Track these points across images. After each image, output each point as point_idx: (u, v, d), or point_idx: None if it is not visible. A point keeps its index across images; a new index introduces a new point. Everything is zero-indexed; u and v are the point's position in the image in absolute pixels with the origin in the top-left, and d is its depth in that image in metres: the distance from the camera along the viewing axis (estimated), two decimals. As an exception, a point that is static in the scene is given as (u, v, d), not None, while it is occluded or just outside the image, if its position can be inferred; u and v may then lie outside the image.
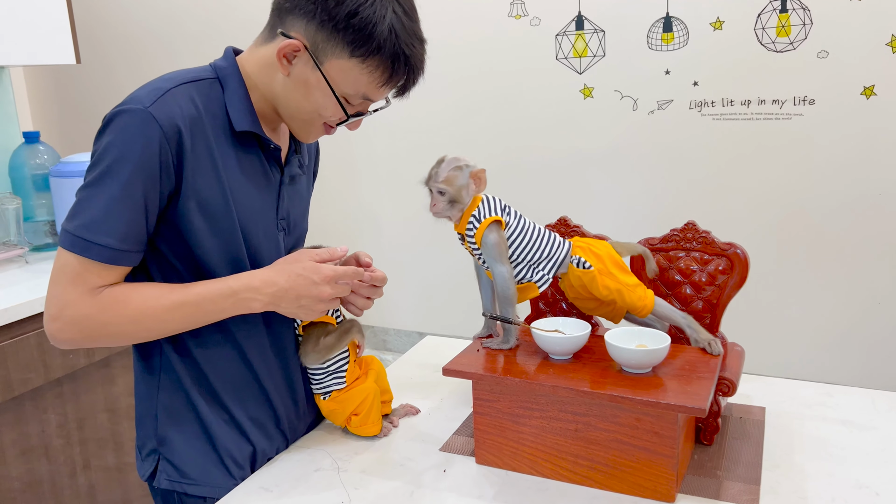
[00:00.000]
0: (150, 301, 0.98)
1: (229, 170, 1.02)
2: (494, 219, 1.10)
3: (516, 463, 1.04)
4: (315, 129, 1.07)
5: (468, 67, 2.86)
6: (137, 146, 0.93)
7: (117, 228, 0.94)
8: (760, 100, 2.57)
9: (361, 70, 0.98)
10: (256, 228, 1.06)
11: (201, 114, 0.99)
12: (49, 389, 1.97)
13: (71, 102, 3.05)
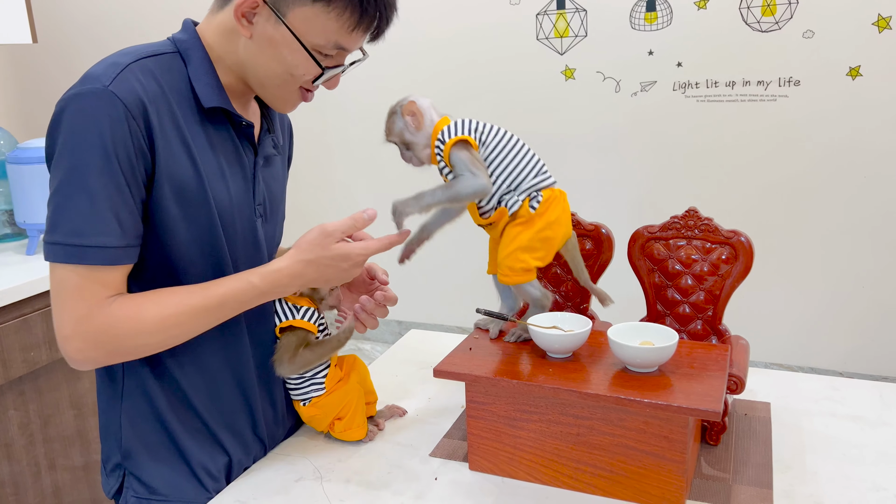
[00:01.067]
0: (170, 308, 0.89)
1: (201, 150, 0.92)
2: (460, 138, 1.02)
3: (513, 469, 0.97)
4: (291, 95, 0.97)
5: (447, 49, 2.77)
6: (104, 129, 0.83)
7: (109, 224, 0.85)
8: (745, 81, 2.52)
9: (328, 15, 0.89)
10: (233, 215, 0.97)
11: (165, 90, 0.90)
12: (9, 388, 1.86)
13: (28, 84, 2.90)
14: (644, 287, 1.16)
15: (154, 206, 0.89)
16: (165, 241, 0.91)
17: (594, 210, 2.68)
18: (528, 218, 1.04)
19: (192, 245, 0.93)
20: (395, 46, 2.77)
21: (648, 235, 1.15)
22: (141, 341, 0.89)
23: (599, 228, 1.18)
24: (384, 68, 2.77)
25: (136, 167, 0.86)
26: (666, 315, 1.14)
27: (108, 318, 0.87)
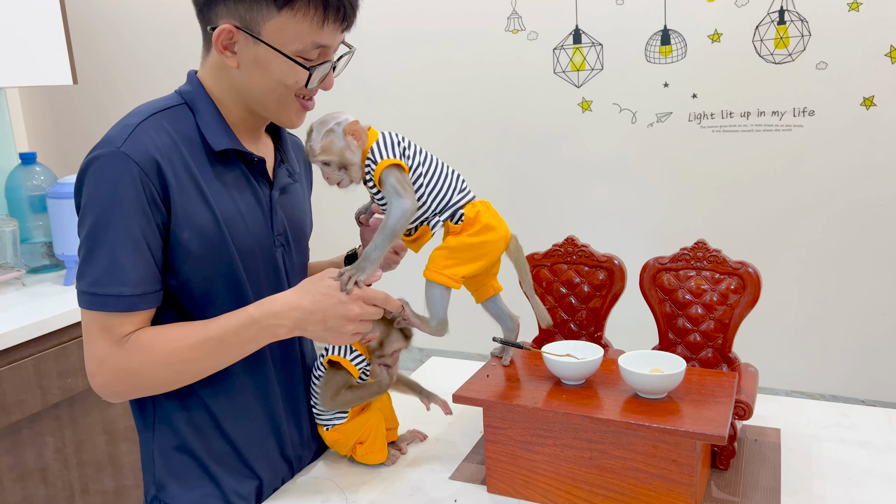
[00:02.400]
0: (175, 342, 0.95)
1: (216, 193, 1.00)
2: (392, 162, 1.01)
3: (529, 492, 1.01)
4: (291, 107, 1.03)
5: (466, 82, 2.85)
6: (119, 188, 0.92)
7: (126, 275, 0.93)
8: (760, 111, 2.56)
9: (295, 18, 0.95)
10: (253, 249, 1.03)
11: (176, 142, 0.98)
12: (46, 414, 1.94)
13: (68, 123, 3.03)
14: (656, 316, 1.20)
15: (175, 249, 0.97)
16: (189, 278, 0.99)
17: (610, 240, 2.72)
18: (458, 229, 1.05)
19: (213, 280, 1.00)
20: (413, 78, 2.85)
21: (659, 266, 1.19)
22: (156, 375, 0.96)
23: (612, 260, 1.23)
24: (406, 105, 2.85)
25: (152, 219, 0.94)
26: (677, 343, 1.18)
27: (122, 355, 0.95)
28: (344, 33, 1.01)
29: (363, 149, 1.02)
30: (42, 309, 1.97)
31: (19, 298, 2.09)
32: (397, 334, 1.07)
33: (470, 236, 1.04)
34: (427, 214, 1.06)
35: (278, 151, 1.12)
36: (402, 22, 2.85)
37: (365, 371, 1.08)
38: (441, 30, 2.83)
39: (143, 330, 0.96)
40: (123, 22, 2.93)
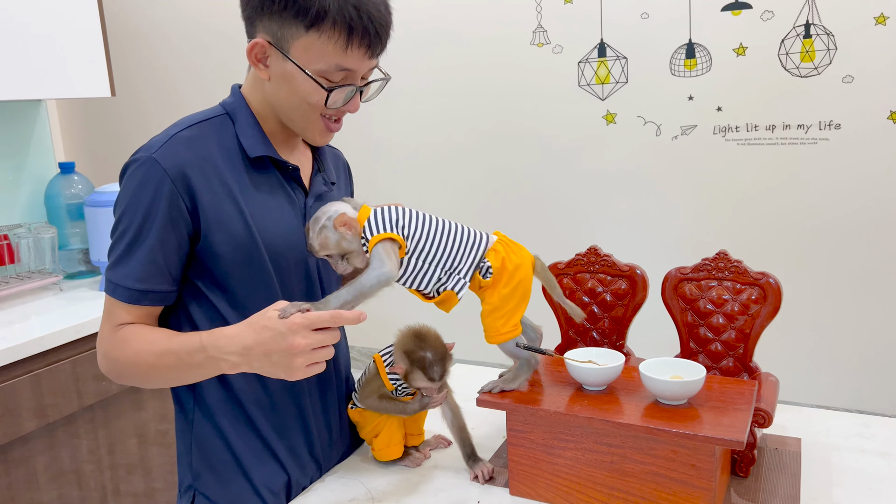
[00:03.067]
0: (145, 345, 1.01)
1: (249, 198, 1.04)
2: (385, 236, 1.01)
3: (551, 495, 1.04)
4: (316, 124, 1.06)
5: (491, 95, 2.88)
6: (146, 193, 0.99)
7: (134, 270, 1.00)
8: (785, 125, 2.57)
9: (321, 41, 0.97)
10: (285, 253, 1.08)
11: (212, 151, 1.03)
12: (81, 415, 2.00)
13: (105, 133, 3.12)
14: (677, 325, 1.22)
15: (206, 251, 1.03)
16: (222, 279, 1.04)
17: (633, 251, 2.73)
18: (490, 283, 1.04)
19: (245, 282, 1.05)
20: (439, 91, 2.89)
21: (681, 276, 1.21)
22: (128, 369, 1.03)
23: (634, 269, 1.25)
24: (431, 118, 2.90)
25: (176, 227, 1.00)
26: (699, 352, 1.20)
27: (110, 342, 1.03)
28: (373, 59, 1.02)
29: (361, 212, 1.04)
30: (78, 313, 2.03)
31: (57, 303, 2.16)
32: (419, 373, 1.06)
33: (506, 286, 1.04)
34: (443, 279, 1.04)
35: (316, 161, 1.17)
36: (428, 35, 2.90)
37: (400, 388, 1.11)
38: (467, 43, 2.88)
39: (133, 325, 1.03)
40: (160, 36, 3.01)
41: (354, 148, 2.94)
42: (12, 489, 1.84)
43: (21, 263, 2.29)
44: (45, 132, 2.55)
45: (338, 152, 1.29)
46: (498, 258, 1.04)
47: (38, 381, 1.85)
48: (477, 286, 1.05)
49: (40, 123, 2.53)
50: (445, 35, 2.91)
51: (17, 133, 2.46)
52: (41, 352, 1.86)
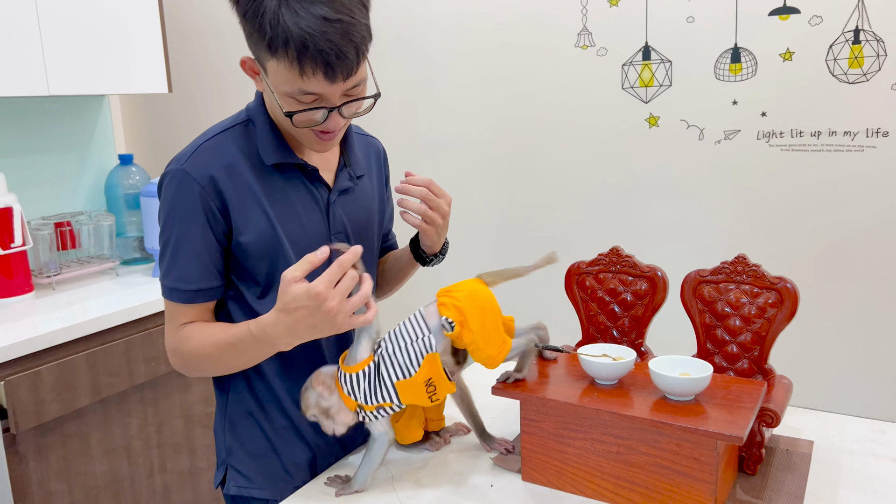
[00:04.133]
0: (204, 338, 1.10)
1: (272, 199, 1.12)
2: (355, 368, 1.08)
3: (560, 482, 1.08)
4: (305, 136, 1.10)
5: (534, 96, 2.92)
6: (182, 201, 1.08)
7: (182, 273, 1.10)
8: (831, 131, 2.54)
9: (282, 66, 0.98)
10: (310, 245, 1.14)
11: (235, 158, 1.10)
12: (133, 394, 2.12)
13: (162, 127, 3.26)
14: (695, 326, 1.25)
15: (238, 249, 1.12)
16: (251, 273, 1.14)
17: (671, 254, 2.74)
18: (458, 332, 1.07)
19: (272, 275, 1.13)
20: (482, 91, 2.94)
21: (700, 279, 1.24)
22: (191, 363, 1.12)
23: (655, 271, 1.28)
24: (474, 117, 2.95)
25: (213, 227, 1.09)
26: (715, 353, 1.23)
27: (175, 340, 1.13)
28: (341, 83, 1.00)
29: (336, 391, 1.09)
30: (132, 297, 2.16)
31: (113, 287, 2.29)
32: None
33: (473, 318, 1.07)
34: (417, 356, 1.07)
35: (343, 156, 1.23)
36: (473, 36, 2.95)
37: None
38: (512, 44, 2.92)
39: (194, 323, 1.12)
40: (214, 35, 3.14)
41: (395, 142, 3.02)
42: (68, 460, 1.96)
43: (82, 249, 2.43)
44: (107, 125, 2.69)
45: (372, 140, 1.34)
46: (449, 308, 1.07)
47: (93, 359, 1.98)
48: (454, 341, 1.09)
49: (103, 117, 2.67)
50: (489, 36, 2.96)
51: (82, 126, 2.60)
52: (97, 332, 1.99)
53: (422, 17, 2.97)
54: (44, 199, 2.49)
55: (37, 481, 1.89)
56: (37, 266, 2.28)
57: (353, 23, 0.97)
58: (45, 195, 2.49)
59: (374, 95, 1.08)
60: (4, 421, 1.79)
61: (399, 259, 1.35)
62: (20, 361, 1.82)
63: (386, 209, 1.36)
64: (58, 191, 2.53)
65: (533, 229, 2.91)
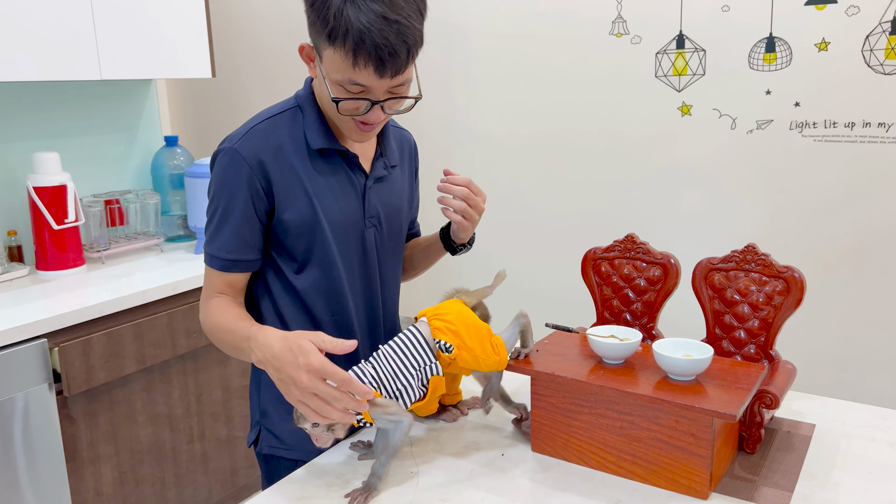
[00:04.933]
0: (219, 319, 1.19)
1: (314, 181, 1.20)
2: None
3: (567, 453, 1.15)
4: (346, 124, 1.17)
5: (567, 83, 2.96)
6: (230, 178, 1.17)
7: (223, 243, 1.19)
8: (865, 122, 2.53)
9: (337, 55, 1.05)
10: (345, 228, 1.23)
11: (283, 142, 1.19)
12: (175, 364, 2.24)
13: (205, 110, 3.38)
14: (704, 312, 1.30)
15: (279, 226, 1.20)
16: (290, 250, 1.22)
17: (699, 243, 2.76)
18: (454, 355, 1.12)
19: (309, 252, 1.22)
20: (516, 77, 2.99)
21: (710, 266, 1.29)
22: (209, 333, 1.21)
23: (668, 258, 1.34)
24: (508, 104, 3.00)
25: (256, 205, 1.18)
26: (723, 338, 1.28)
27: (206, 309, 1.22)
28: (388, 79, 1.07)
29: None
30: (176, 272, 2.27)
31: (158, 262, 2.41)
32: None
33: (470, 339, 1.12)
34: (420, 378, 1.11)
35: (379, 146, 1.31)
36: (507, 25, 2.99)
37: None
38: (546, 31, 2.96)
39: (221, 298, 1.21)
40: (258, 21, 3.24)
41: (430, 130, 3.09)
42: (114, 424, 2.10)
43: (129, 226, 2.56)
44: (154, 108, 2.81)
45: (406, 134, 1.42)
46: (445, 333, 1.12)
47: (139, 330, 2.10)
48: (446, 364, 1.14)
49: (150, 100, 2.79)
50: (525, 24, 3.00)
51: (130, 109, 2.73)
52: (143, 304, 2.11)
53: (456, 7, 3.02)
54: (95, 177, 2.62)
55: (86, 443, 2.02)
56: (88, 241, 2.41)
57: (409, 26, 1.05)
58: (95, 174, 2.62)
59: (416, 97, 1.15)
60: (58, 384, 1.93)
61: (427, 246, 1.43)
62: (72, 330, 1.95)
63: (414, 198, 1.43)
64: (107, 170, 2.66)
65: (562, 215, 2.96)
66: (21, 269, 2.25)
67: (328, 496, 1.09)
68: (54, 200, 2.20)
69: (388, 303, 1.34)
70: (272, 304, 1.25)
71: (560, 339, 1.28)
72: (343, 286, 1.24)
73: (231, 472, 2.48)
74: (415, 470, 1.14)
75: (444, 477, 1.12)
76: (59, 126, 2.50)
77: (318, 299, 1.23)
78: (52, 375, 1.91)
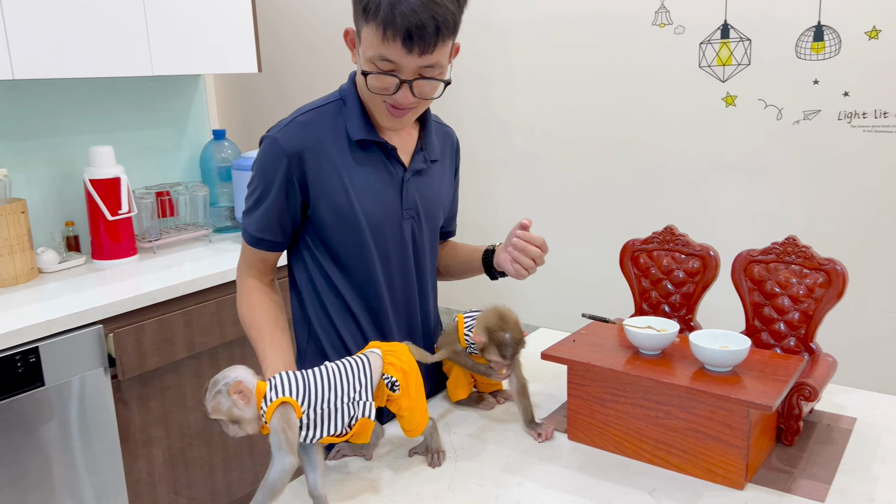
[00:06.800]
0: (246, 308, 1.29)
1: (352, 174, 1.24)
2: (281, 400, 1.01)
3: (603, 442, 1.17)
4: (379, 107, 1.20)
5: (609, 73, 2.94)
6: (268, 166, 1.23)
7: (255, 222, 1.26)
8: (918, 112, 2.46)
9: (370, 31, 1.10)
10: (382, 219, 1.26)
11: (323, 134, 1.23)
12: (222, 351, 2.31)
13: (251, 105, 3.46)
14: (744, 304, 1.30)
15: (315, 216, 1.25)
16: (326, 239, 1.26)
17: (742, 237, 2.73)
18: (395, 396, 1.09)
19: (346, 244, 1.26)
20: (558, 68, 2.98)
21: (750, 258, 1.29)
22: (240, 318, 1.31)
23: (707, 250, 1.34)
24: (549, 94, 3.00)
25: (289, 195, 1.23)
26: (762, 330, 1.28)
27: (241, 288, 1.32)
28: (415, 56, 1.10)
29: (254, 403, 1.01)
30: (224, 262, 2.34)
31: (206, 252, 2.48)
32: (494, 349, 1.19)
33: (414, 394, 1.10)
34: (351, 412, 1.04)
35: (420, 140, 1.33)
36: (550, 13, 2.99)
37: (470, 348, 1.27)
38: (589, 21, 2.95)
39: (254, 284, 1.30)
40: (304, 17, 3.29)
41: (470, 127, 3.10)
42: (165, 409, 2.17)
43: (179, 217, 2.64)
44: (203, 103, 2.89)
45: (449, 130, 1.44)
46: (396, 369, 1.09)
47: (188, 317, 2.17)
48: (384, 400, 1.11)
49: (199, 95, 2.87)
50: (567, 14, 2.99)
51: (180, 103, 2.81)
52: (192, 292, 2.18)
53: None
54: (146, 170, 2.71)
55: (139, 426, 2.11)
56: (140, 231, 2.50)
57: (441, 5, 1.08)
58: (147, 167, 2.71)
59: (445, 81, 1.17)
60: (113, 368, 2.01)
61: (468, 262, 1.45)
62: (126, 316, 2.03)
63: (453, 195, 1.46)
64: (158, 163, 2.75)
65: (601, 206, 2.95)
66: (78, 259, 2.34)
67: (370, 475, 1.12)
68: (109, 192, 2.28)
69: (425, 294, 1.37)
70: (312, 290, 1.30)
71: (597, 329, 1.30)
72: (378, 276, 1.28)
73: (276, 456, 2.55)
74: (452, 456, 1.17)
75: (481, 462, 1.15)
76: (113, 120, 2.59)
77: (354, 288, 1.28)
78: (107, 360, 1.99)
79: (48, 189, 2.42)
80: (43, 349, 1.84)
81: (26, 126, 2.36)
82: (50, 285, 2.14)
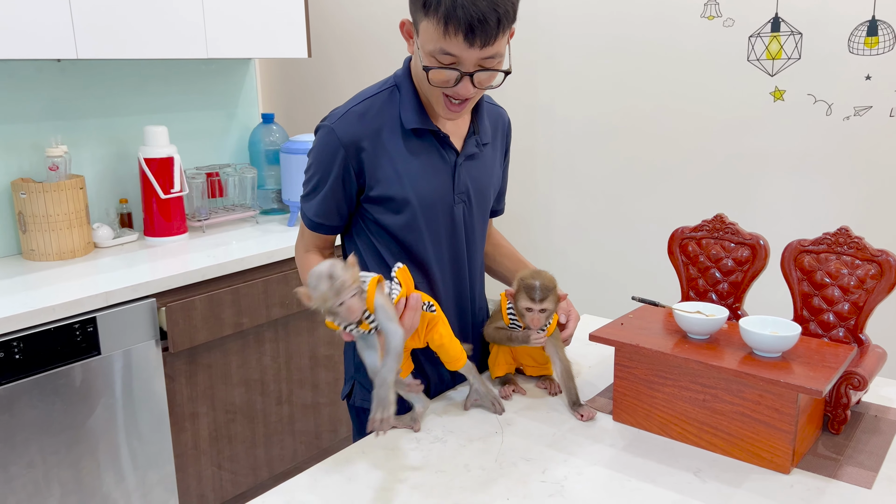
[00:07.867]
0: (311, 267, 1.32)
1: (406, 160, 1.27)
2: (377, 278, 1.12)
3: (648, 423, 1.18)
4: (438, 100, 1.22)
5: (657, 66, 2.93)
6: (325, 155, 1.27)
7: (314, 208, 1.31)
8: (974, 110, 2.42)
9: (430, 22, 1.11)
10: (434, 203, 1.29)
11: (378, 123, 1.26)
12: (268, 329, 2.37)
13: (300, 89, 3.51)
14: (793, 294, 1.30)
15: (369, 201, 1.29)
16: (380, 222, 1.30)
17: (789, 231, 2.70)
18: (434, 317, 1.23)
19: (398, 227, 1.29)
20: (605, 59, 2.98)
21: (801, 248, 1.29)
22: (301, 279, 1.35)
23: (758, 239, 1.34)
24: (596, 86, 3.00)
25: (346, 183, 1.28)
26: (811, 321, 1.28)
27: (300, 259, 1.37)
28: (476, 49, 1.11)
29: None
30: (270, 243, 2.40)
31: (253, 233, 2.54)
32: (523, 294, 1.23)
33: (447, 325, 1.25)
34: None
35: (473, 123, 1.36)
36: (595, 6, 2.98)
37: (513, 324, 1.30)
38: (636, 13, 2.94)
39: (316, 258, 1.34)
40: (352, 6, 3.33)
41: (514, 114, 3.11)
42: (211, 383, 2.24)
43: (227, 198, 2.71)
44: (252, 86, 2.95)
45: (501, 111, 1.46)
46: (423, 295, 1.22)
47: (236, 295, 2.23)
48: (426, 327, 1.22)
49: (248, 79, 2.93)
50: (615, 3, 2.98)
51: (230, 86, 2.87)
52: (239, 271, 2.24)
53: (547, -13, 3.02)
54: (197, 151, 2.78)
55: (186, 399, 2.17)
56: (190, 210, 2.56)
57: None
58: (198, 148, 2.78)
59: (506, 71, 1.18)
60: (164, 342, 2.07)
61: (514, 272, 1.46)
62: (177, 292, 2.09)
63: (503, 175, 1.48)
64: (208, 144, 2.82)
65: (647, 197, 2.95)
66: (131, 235, 2.42)
67: (419, 447, 1.16)
68: (162, 171, 2.35)
69: (474, 274, 1.40)
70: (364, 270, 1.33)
71: (646, 313, 1.31)
72: (430, 257, 1.31)
73: (315, 434, 2.60)
74: (498, 431, 1.20)
75: (528, 439, 1.17)
76: (166, 101, 2.65)
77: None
78: (158, 332, 2.05)
79: (104, 167, 2.50)
80: (100, 319, 1.91)
81: (85, 105, 2.43)
82: (105, 259, 2.21)
